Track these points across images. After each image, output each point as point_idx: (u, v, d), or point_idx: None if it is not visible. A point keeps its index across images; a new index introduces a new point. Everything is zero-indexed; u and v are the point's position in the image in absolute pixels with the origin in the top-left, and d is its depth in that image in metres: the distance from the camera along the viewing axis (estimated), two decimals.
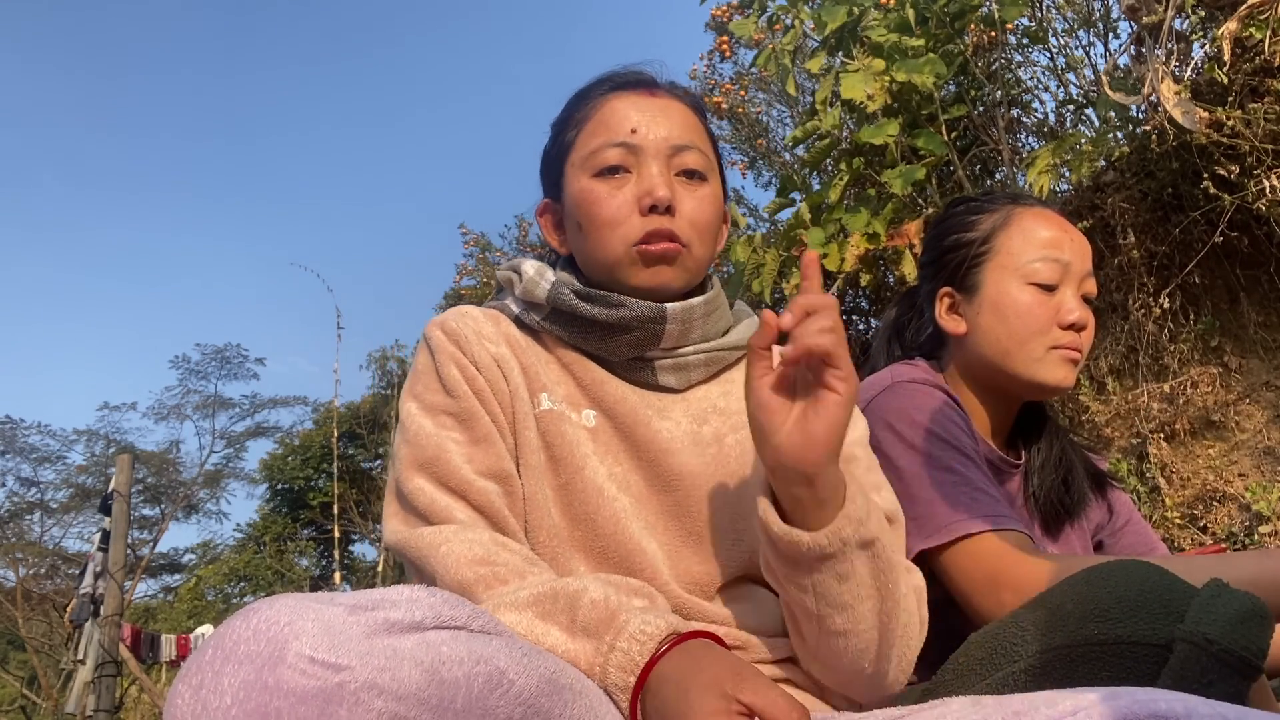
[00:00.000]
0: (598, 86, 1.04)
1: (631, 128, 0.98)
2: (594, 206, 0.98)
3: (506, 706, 0.59)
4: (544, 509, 0.92)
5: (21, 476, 14.86)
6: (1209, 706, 0.61)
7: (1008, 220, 1.28)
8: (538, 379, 0.98)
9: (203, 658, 0.54)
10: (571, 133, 1.02)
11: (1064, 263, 1.23)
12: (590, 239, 0.99)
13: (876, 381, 1.25)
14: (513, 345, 1.00)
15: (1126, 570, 0.84)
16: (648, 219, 0.96)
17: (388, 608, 0.59)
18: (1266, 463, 2.96)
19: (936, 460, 1.13)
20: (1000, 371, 1.25)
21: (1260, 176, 2.69)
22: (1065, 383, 1.23)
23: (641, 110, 1.00)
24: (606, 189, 0.98)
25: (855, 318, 4.77)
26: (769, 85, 5.43)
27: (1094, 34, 3.49)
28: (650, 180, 0.97)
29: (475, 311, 1.02)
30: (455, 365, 0.95)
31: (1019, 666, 0.86)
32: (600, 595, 0.78)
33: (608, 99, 1.02)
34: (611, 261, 0.98)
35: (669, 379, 1.01)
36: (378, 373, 12.59)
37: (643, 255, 0.96)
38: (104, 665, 5.97)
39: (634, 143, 0.98)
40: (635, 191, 0.97)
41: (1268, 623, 0.77)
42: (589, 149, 0.99)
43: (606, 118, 1.00)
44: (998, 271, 1.26)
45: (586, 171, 0.99)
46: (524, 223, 9.44)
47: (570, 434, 0.95)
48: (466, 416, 0.93)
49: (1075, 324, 1.22)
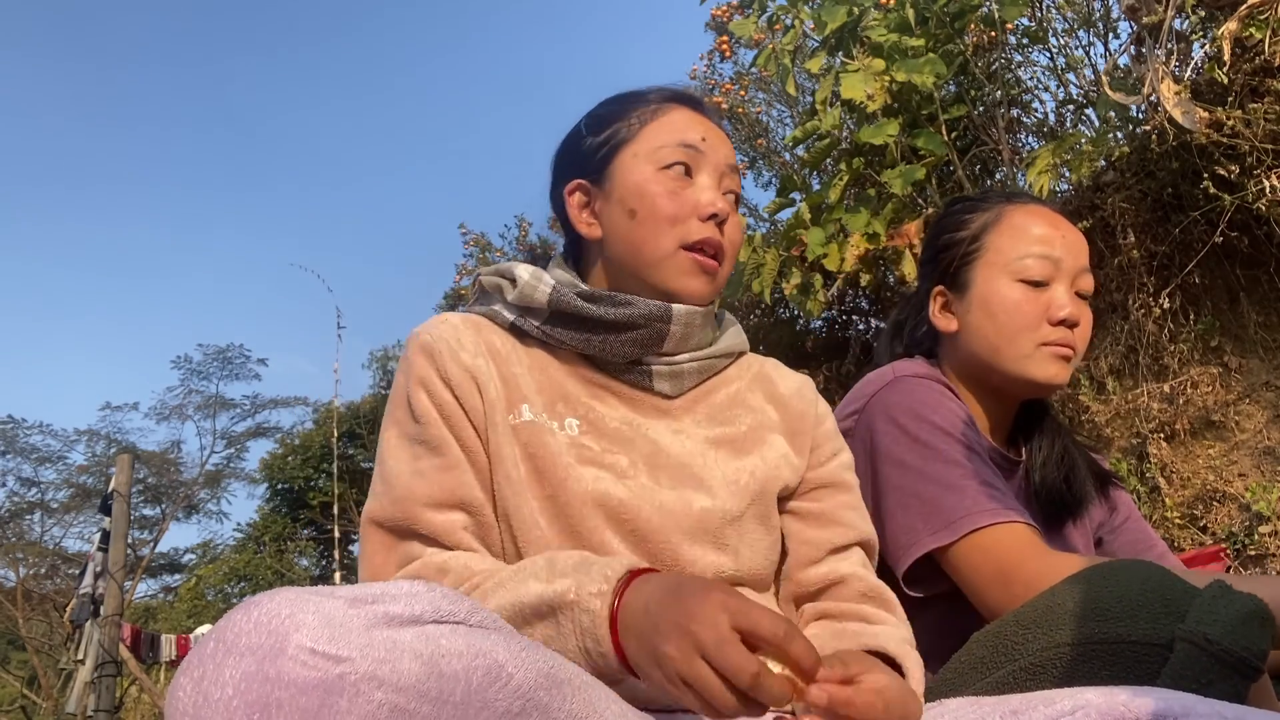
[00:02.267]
0: (656, 92, 1.08)
1: (702, 136, 1.03)
2: (658, 199, 1.00)
3: (505, 699, 0.60)
4: (530, 521, 0.92)
5: (22, 476, 14.86)
6: (1207, 705, 0.61)
7: (998, 218, 1.28)
8: (518, 390, 0.97)
9: (204, 650, 0.55)
10: (633, 125, 1.04)
11: (1054, 259, 1.23)
12: (643, 229, 1.00)
13: (878, 377, 1.25)
14: (494, 354, 0.99)
15: (1128, 570, 0.84)
16: (705, 225, 1.00)
17: (388, 601, 0.59)
18: (1266, 463, 2.96)
19: (942, 454, 1.13)
20: (992, 369, 1.25)
21: (1260, 176, 2.69)
22: (1056, 379, 1.22)
23: (707, 127, 1.05)
24: (672, 185, 1.01)
25: (855, 318, 4.77)
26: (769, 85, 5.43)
27: (1094, 34, 3.49)
28: (712, 190, 1.02)
29: (455, 319, 1.01)
30: (424, 389, 0.94)
31: (1020, 665, 0.86)
32: (576, 555, 0.83)
33: (672, 106, 1.06)
34: (660, 257, 1.00)
35: (664, 385, 1.02)
36: (379, 372, 12.60)
37: (696, 263, 1.00)
38: (104, 665, 5.97)
39: (703, 150, 1.02)
40: (695, 197, 1.01)
41: (1269, 624, 0.77)
42: (657, 142, 1.02)
43: (675, 120, 1.04)
44: (987, 269, 1.26)
45: (653, 163, 1.01)
46: (524, 222, 9.44)
47: (552, 445, 0.95)
48: (436, 444, 0.93)
49: (1066, 320, 1.21)
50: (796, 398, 1.09)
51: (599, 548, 0.92)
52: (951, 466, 1.12)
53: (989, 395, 1.29)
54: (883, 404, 1.19)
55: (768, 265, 3.51)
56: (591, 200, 1.06)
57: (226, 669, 0.53)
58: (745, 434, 1.03)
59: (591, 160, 1.05)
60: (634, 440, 0.98)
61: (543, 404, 0.98)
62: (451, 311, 1.04)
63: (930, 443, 1.14)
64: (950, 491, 1.10)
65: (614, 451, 0.97)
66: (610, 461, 0.96)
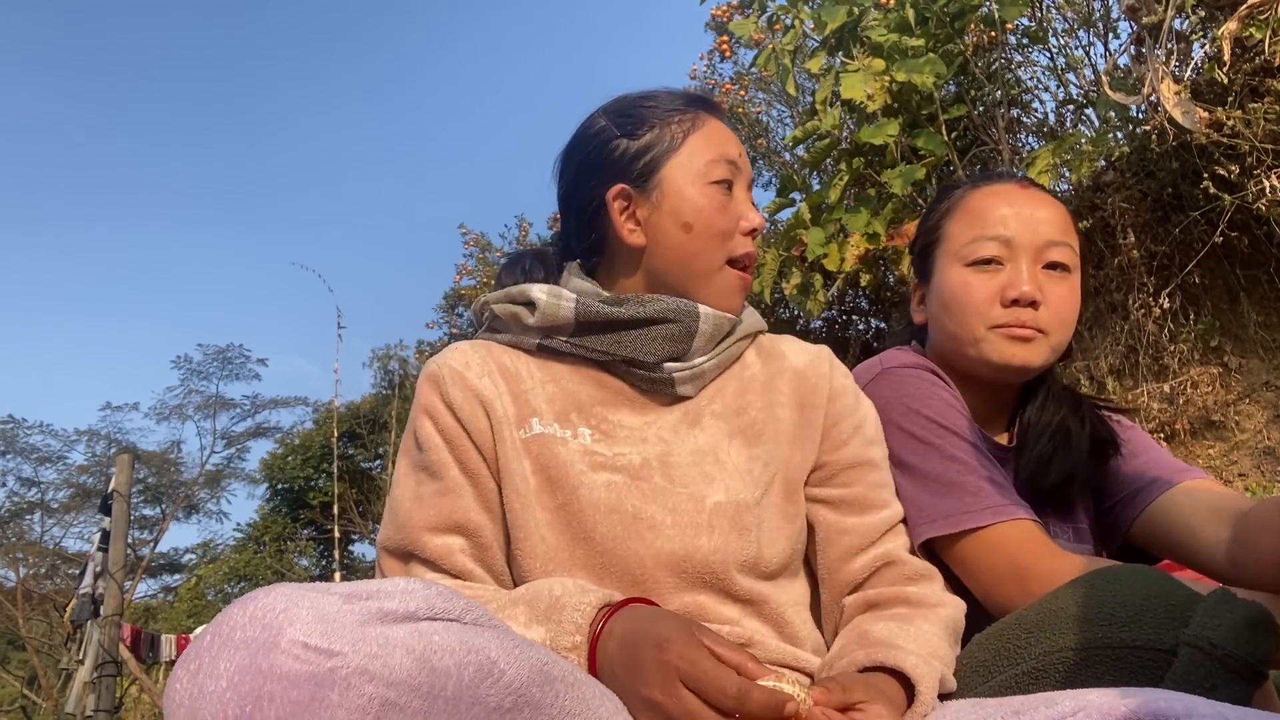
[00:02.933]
0: (682, 96, 1.09)
1: (739, 151, 1.09)
2: (713, 214, 1.03)
3: (497, 695, 0.60)
4: (536, 535, 0.93)
5: (22, 476, 14.89)
6: (1209, 706, 0.61)
7: (954, 205, 1.25)
8: (528, 405, 0.99)
9: (201, 644, 0.56)
10: (675, 134, 1.06)
11: (1005, 237, 1.18)
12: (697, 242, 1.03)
13: (865, 370, 1.23)
14: (504, 373, 1.00)
15: (1132, 575, 0.84)
16: (745, 240, 1.07)
17: (382, 598, 0.60)
18: (1266, 463, 2.96)
19: (939, 448, 1.11)
20: (957, 355, 1.22)
21: (1260, 176, 2.69)
22: (1016, 360, 1.17)
23: (735, 139, 1.11)
24: (722, 200, 1.04)
25: (855, 318, 4.78)
26: (769, 85, 5.43)
27: (1094, 34, 3.50)
28: (746, 206, 1.08)
29: (464, 346, 1.03)
30: (428, 416, 0.98)
31: (1023, 669, 0.86)
32: (546, 594, 0.85)
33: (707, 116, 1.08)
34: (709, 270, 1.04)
35: (687, 389, 1.02)
36: (380, 371, 12.62)
37: (740, 280, 1.06)
38: (104, 665, 5.97)
39: (741, 165, 1.08)
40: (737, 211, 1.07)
41: (1272, 629, 0.77)
42: (706, 155, 1.05)
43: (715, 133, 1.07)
44: (944, 258, 1.24)
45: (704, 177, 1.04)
46: (524, 223, 9.46)
47: (563, 455, 0.96)
48: (436, 469, 0.96)
49: (1019, 299, 1.16)
50: (811, 370, 1.09)
51: (607, 554, 0.93)
52: (949, 461, 1.10)
53: (966, 383, 1.25)
54: (873, 398, 1.17)
55: (768, 265, 3.51)
56: (633, 206, 1.04)
57: (221, 662, 0.54)
58: (759, 420, 1.03)
59: (633, 166, 1.04)
60: (647, 441, 0.99)
61: (554, 415, 0.99)
62: (463, 341, 1.06)
63: (925, 438, 1.12)
64: (950, 488, 1.09)
65: (626, 455, 0.98)
66: (623, 465, 0.97)
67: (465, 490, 0.95)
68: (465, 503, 0.94)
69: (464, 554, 0.93)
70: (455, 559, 0.92)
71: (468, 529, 0.93)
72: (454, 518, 0.93)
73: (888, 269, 3.46)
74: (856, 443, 1.06)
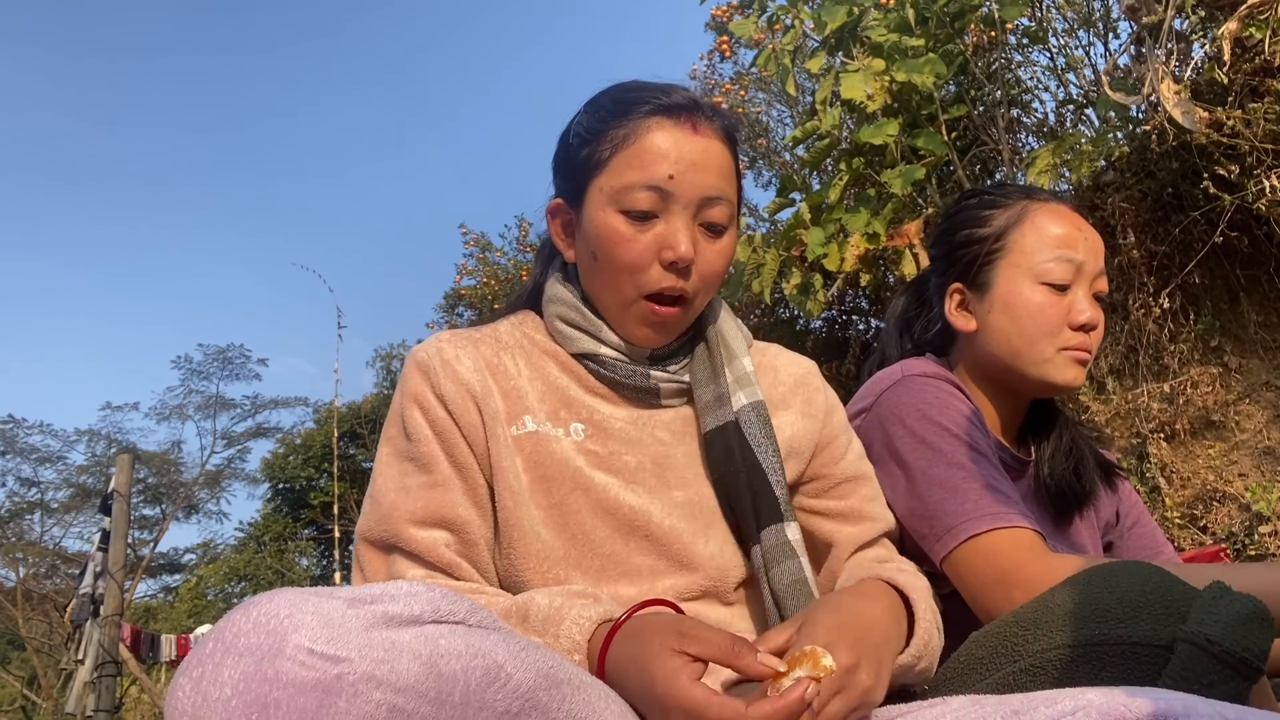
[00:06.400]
0: (639, 104, 0.97)
1: (669, 173, 0.94)
2: (616, 247, 0.95)
3: (504, 700, 0.60)
4: (531, 533, 0.92)
5: (22, 476, 14.88)
6: (1208, 705, 0.61)
7: (1021, 217, 1.25)
8: (519, 402, 0.97)
9: (204, 650, 0.55)
10: (604, 150, 0.97)
11: (1077, 262, 1.22)
12: (603, 275, 0.98)
13: (886, 376, 1.24)
14: (493, 370, 0.98)
15: (1128, 571, 0.84)
16: (665, 274, 0.95)
17: (387, 601, 0.59)
18: (1266, 463, 2.96)
19: (947, 455, 1.12)
20: (1010, 370, 1.24)
21: (1260, 176, 2.69)
22: (1074, 383, 1.22)
23: (682, 151, 0.95)
24: (631, 231, 0.95)
25: (855, 318, 4.78)
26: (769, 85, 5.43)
27: (1094, 34, 3.49)
28: (675, 235, 0.94)
29: (452, 336, 1.01)
30: (418, 405, 0.95)
31: (1020, 666, 0.86)
32: (546, 602, 0.84)
33: (649, 126, 0.96)
34: (620, 304, 0.98)
35: (671, 400, 1.03)
36: (383, 370, 12.62)
37: (650, 313, 0.97)
38: (104, 665, 5.97)
39: (669, 189, 0.94)
40: (657, 240, 0.95)
41: (1269, 625, 0.77)
42: (621, 182, 0.95)
43: (645, 151, 0.95)
44: (1010, 270, 1.24)
45: (615, 205, 0.95)
46: (524, 223, 9.44)
47: (558, 453, 0.95)
48: (424, 461, 0.93)
49: (1085, 325, 1.21)
50: (805, 384, 1.09)
51: (605, 557, 0.92)
52: (955, 469, 1.11)
53: (1003, 394, 1.28)
54: (890, 403, 1.18)
55: (768, 265, 3.51)
56: (568, 222, 1.03)
57: (225, 669, 0.53)
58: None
59: (571, 181, 1.01)
60: (640, 440, 0.98)
61: (545, 413, 0.97)
62: (445, 331, 1.03)
63: (936, 444, 1.13)
64: (955, 495, 1.10)
65: (621, 454, 0.97)
66: (618, 465, 0.96)
67: (454, 484, 0.92)
68: (453, 497, 0.92)
69: (449, 548, 0.91)
70: (440, 553, 0.90)
71: (455, 524, 0.91)
72: (441, 512, 0.91)
73: (888, 269, 3.46)
74: (852, 457, 1.07)
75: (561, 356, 1.02)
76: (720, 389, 1.01)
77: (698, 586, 0.94)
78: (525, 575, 0.92)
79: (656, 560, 0.93)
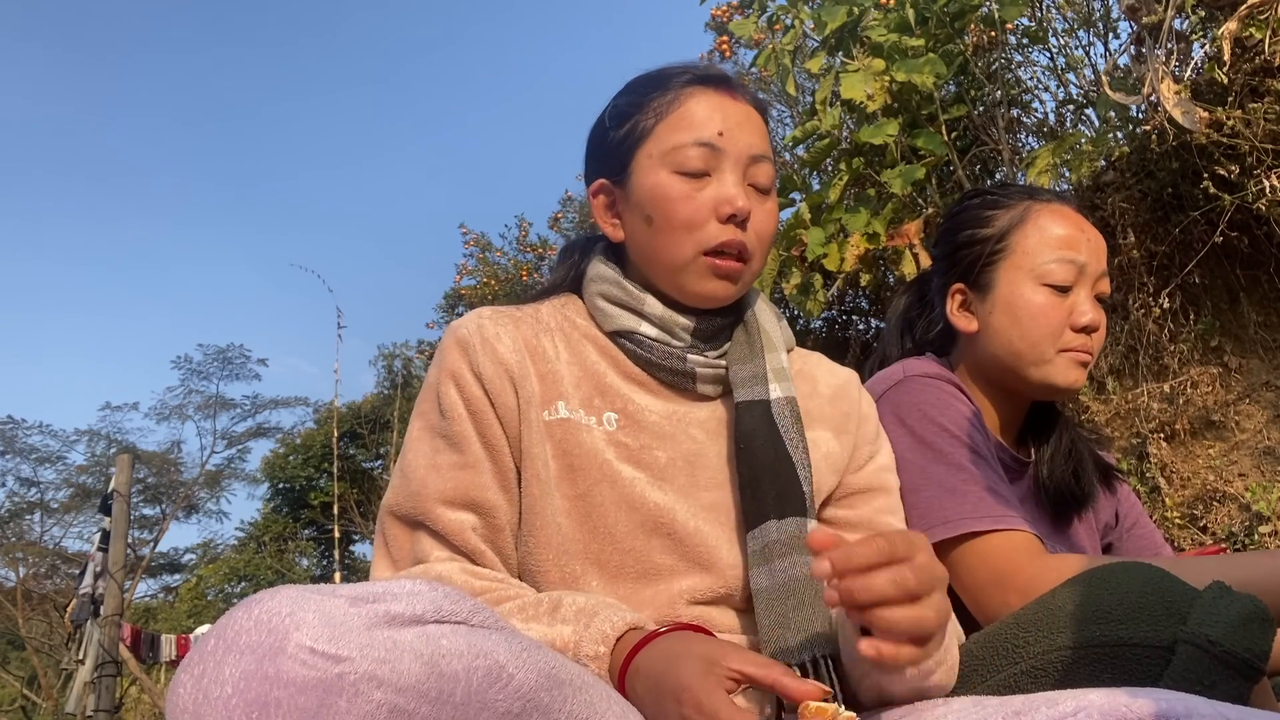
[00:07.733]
0: (677, 76, 1.00)
1: (719, 130, 0.96)
2: (672, 205, 0.95)
3: (506, 700, 0.60)
4: (551, 523, 0.91)
5: (22, 476, 14.88)
6: (1210, 706, 0.61)
7: (1024, 218, 1.25)
8: (555, 386, 0.96)
9: (205, 648, 0.55)
10: (649, 120, 0.99)
11: (1079, 264, 1.22)
12: (661, 236, 0.97)
13: (887, 376, 1.24)
14: (531, 351, 0.97)
15: (1129, 572, 0.84)
16: (724, 228, 0.95)
17: (389, 600, 0.59)
18: (1266, 463, 2.96)
19: (947, 456, 1.12)
20: (1011, 372, 1.24)
21: (1260, 176, 2.69)
22: (1075, 385, 1.22)
23: (726, 113, 0.98)
24: (686, 189, 0.95)
25: (855, 318, 4.78)
26: (769, 85, 5.43)
27: (1094, 34, 3.49)
28: (730, 188, 0.95)
29: (494, 313, 0.99)
30: (454, 382, 0.94)
31: (1021, 668, 0.86)
32: (582, 600, 0.83)
33: (691, 93, 0.98)
34: (679, 264, 0.96)
35: (707, 389, 1.00)
36: (385, 370, 12.62)
37: (713, 269, 0.96)
38: (104, 665, 5.97)
39: (720, 145, 0.96)
40: (714, 197, 0.95)
41: (1269, 625, 0.77)
42: (671, 143, 0.96)
43: (694, 112, 0.97)
44: (1012, 271, 1.24)
45: (666, 166, 0.96)
46: (524, 223, 9.45)
47: (588, 442, 0.93)
48: (457, 440, 0.92)
49: (1087, 327, 1.21)
50: (841, 395, 1.07)
51: (626, 553, 0.91)
52: (954, 470, 1.11)
53: (1004, 396, 1.28)
54: (891, 403, 1.18)
55: (767, 265, 3.51)
56: (615, 201, 1.03)
57: (226, 667, 0.53)
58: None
59: (614, 158, 1.01)
60: (674, 436, 0.97)
61: (580, 399, 0.96)
62: (486, 307, 1.02)
63: (936, 445, 1.13)
64: (952, 494, 1.10)
65: (652, 448, 0.95)
66: (648, 460, 0.94)
67: (485, 466, 0.91)
68: (484, 480, 0.91)
69: (475, 532, 0.90)
70: (467, 536, 0.89)
71: (483, 507, 0.90)
72: (470, 494, 0.90)
73: (888, 269, 3.45)
74: (872, 468, 1.05)
75: (601, 341, 1.01)
76: (758, 369, 0.99)
77: (714, 590, 0.92)
78: (542, 565, 0.91)
79: (677, 560, 0.92)
